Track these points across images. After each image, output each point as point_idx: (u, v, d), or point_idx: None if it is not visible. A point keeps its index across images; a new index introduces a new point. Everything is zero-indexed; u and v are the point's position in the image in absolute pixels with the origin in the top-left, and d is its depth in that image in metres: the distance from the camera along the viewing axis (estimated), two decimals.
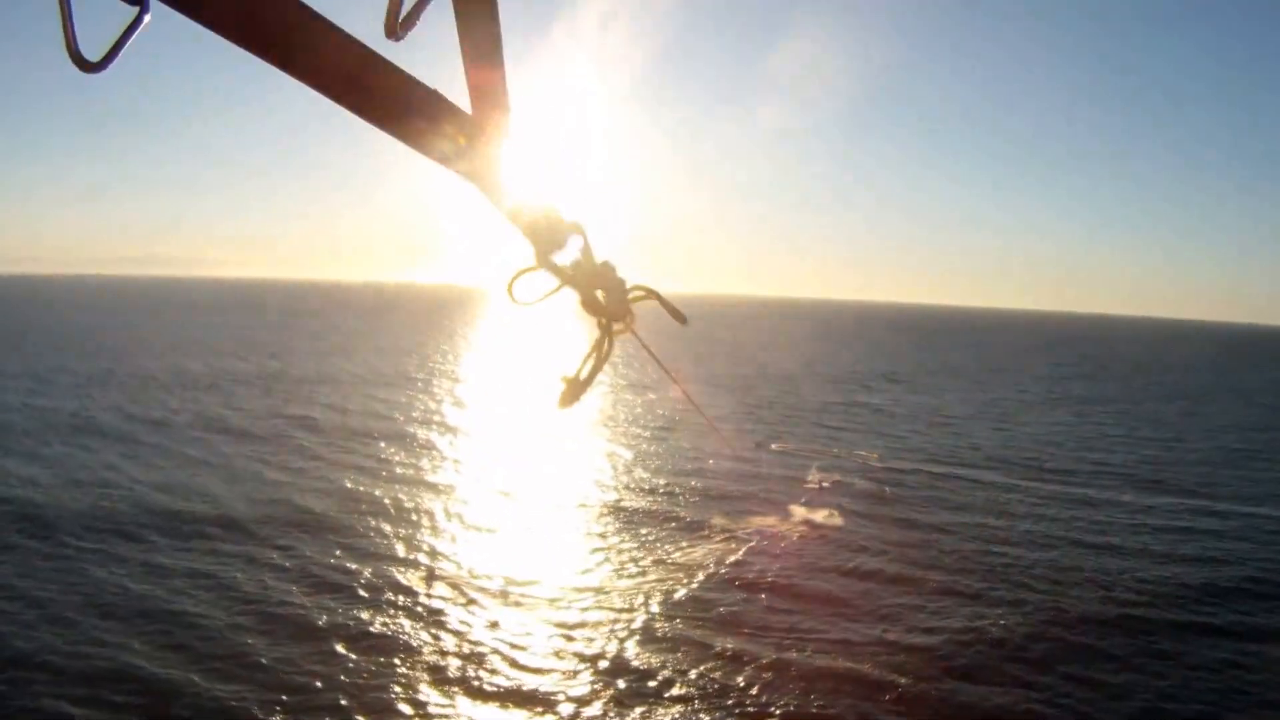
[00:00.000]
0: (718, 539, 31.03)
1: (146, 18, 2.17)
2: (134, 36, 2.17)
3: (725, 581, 26.96)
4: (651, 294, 2.87)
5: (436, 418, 54.94)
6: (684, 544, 30.57)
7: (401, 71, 2.34)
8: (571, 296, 2.77)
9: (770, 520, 33.29)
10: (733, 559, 28.83)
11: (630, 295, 2.80)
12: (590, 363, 2.86)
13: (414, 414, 55.79)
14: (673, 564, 28.49)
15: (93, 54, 2.14)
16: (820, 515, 34.03)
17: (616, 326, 2.82)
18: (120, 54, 2.18)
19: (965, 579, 28.06)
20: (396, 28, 2.33)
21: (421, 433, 49.40)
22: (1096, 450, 53.10)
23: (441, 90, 2.42)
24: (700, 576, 27.22)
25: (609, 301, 2.75)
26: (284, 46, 2.23)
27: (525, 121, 2.56)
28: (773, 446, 48.52)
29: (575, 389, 2.85)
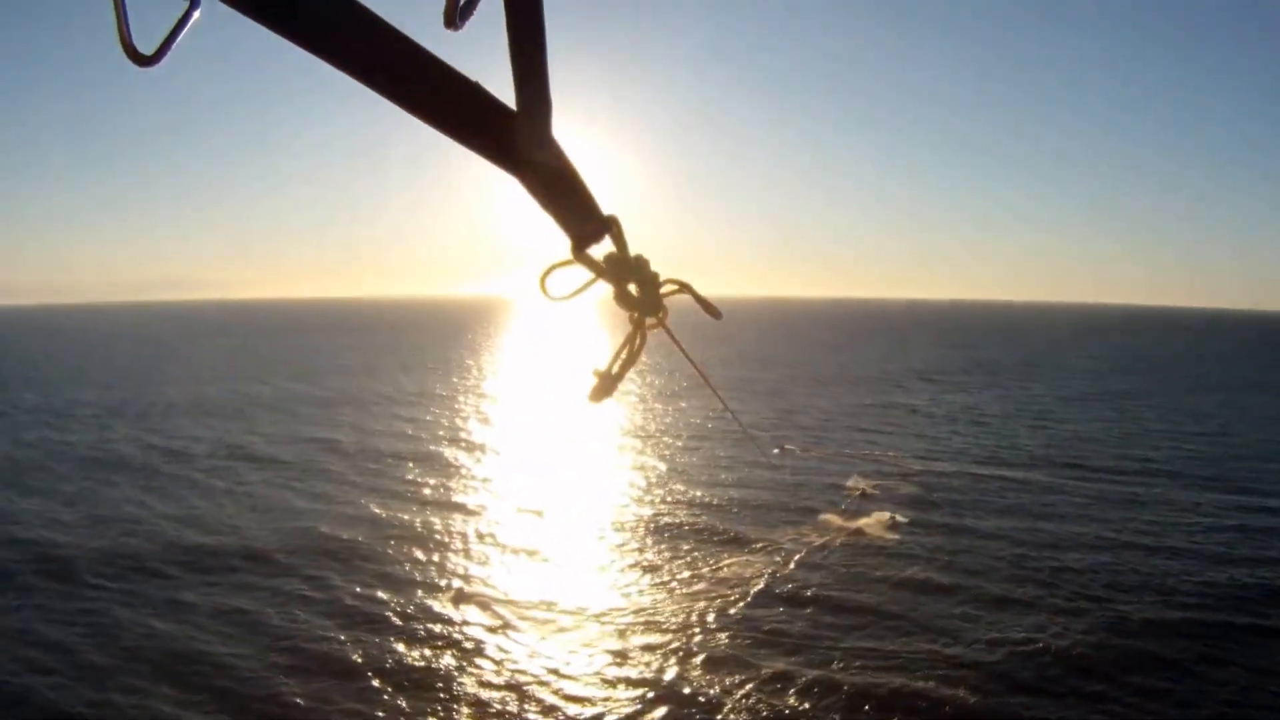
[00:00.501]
0: (760, 551, 30.13)
1: (196, 13, 2.18)
2: (185, 30, 2.18)
3: (770, 596, 26.09)
4: (685, 288, 2.86)
5: (464, 435, 54.25)
6: (725, 558, 29.70)
7: (443, 63, 2.37)
8: (604, 290, 2.76)
9: (813, 530, 32.37)
10: (777, 572, 27.93)
11: (663, 289, 2.79)
12: (622, 357, 2.84)
13: (441, 433, 55.10)
14: (715, 579, 27.62)
15: (146, 48, 2.13)
16: (864, 523, 33.07)
17: (649, 321, 2.80)
18: (173, 48, 2.18)
19: (1020, 587, 27.06)
20: (456, 17, 2.30)
21: (450, 452, 48.69)
22: (1140, 446, 51.88)
23: (485, 84, 2.44)
24: (744, 592, 26.34)
25: (642, 295, 2.74)
26: (328, 36, 2.24)
27: (565, 117, 2.52)
28: (809, 452, 47.57)
29: (607, 383, 2.84)
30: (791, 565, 28.57)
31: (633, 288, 2.74)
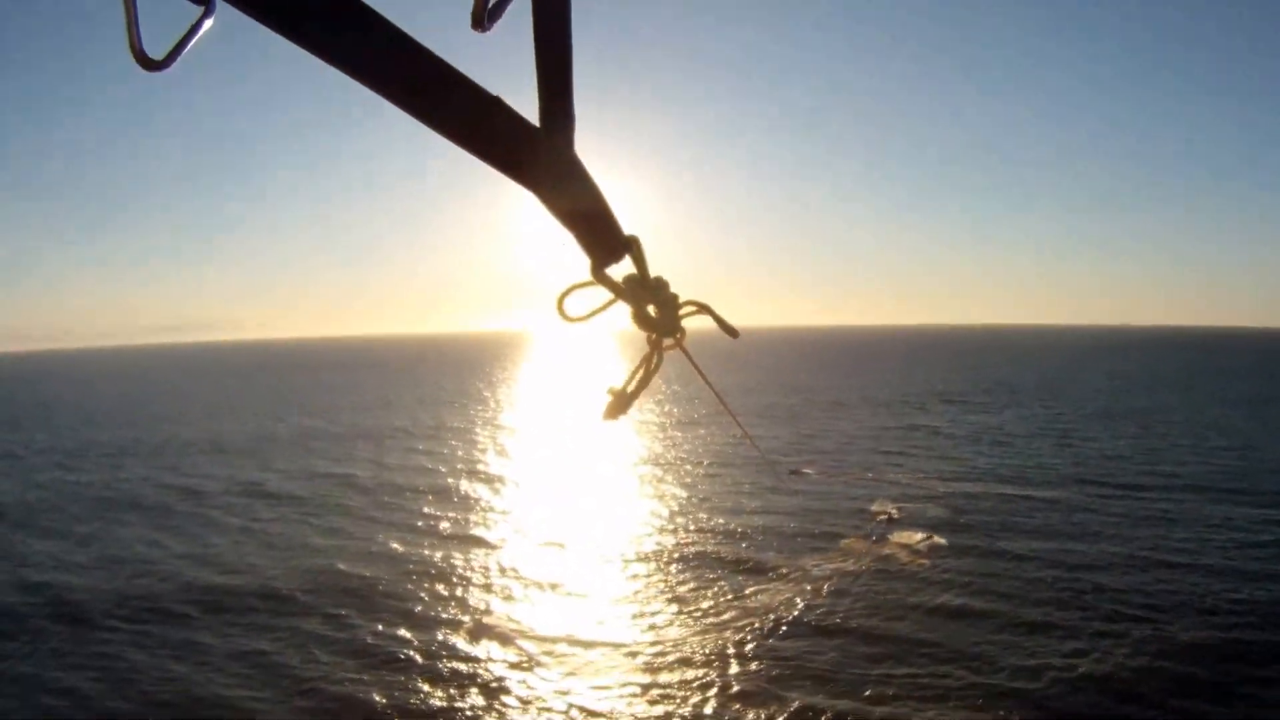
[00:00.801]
0: (787, 579, 29.50)
1: (208, 22, 2.13)
2: (197, 37, 2.14)
3: (799, 625, 25.46)
4: (704, 309, 2.82)
5: (482, 468, 53.72)
6: (751, 587, 29.08)
7: (464, 76, 2.28)
8: (621, 318, 2.70)
9: (840, 556, 31.77)
10: (805, 600, 27.30)
11: (682, 311, 2.74)
12: (638, 377, 2.80)
13: (459, 466, 54.60)
14: (742, 609, 26.99)
15: (156, 53, 2.10)
16: (892, 548, 32.45)
17: (667, 342, 2.75)
18: (183, 54, 2.15)
19: (1057, 611, 26.36)
20: (485, 18, 2.27)
21: (468, 485, 48.16)
22: (1168, 463, 51.14)
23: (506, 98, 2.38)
24: (772, 621, 25.72)
25: (661, 316, 2.70)
26: (345, 45, 2.17)
27: (587, 135, 2.51)
28: (833, 477, 46.95)
29: (622, 402, 2.79)
30: (820, 593, 27.96)
31: (651, 309, 2.70)
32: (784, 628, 25.34)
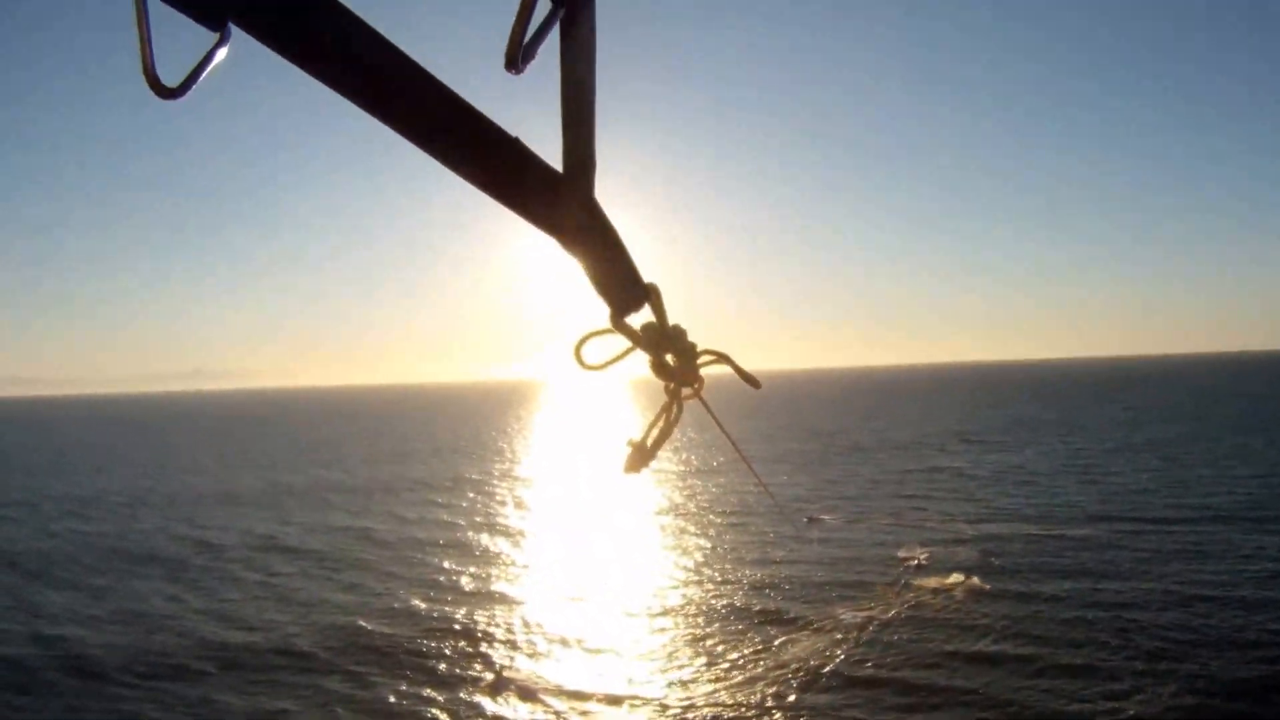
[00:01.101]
0: (817, 631, 28.87)
1: (223, 49, 2.09)
2: (212, 64, 2.11)
3: (833, 678, 24.84)
4: (723, 358, 2.74)
5: (501, 521, 53.16)
6: (781, 639, 28.46)
7: (485, 117, 2.25)
8: (636, 366, 2.70)
9: (869, 604, 31.15)
10: (837, 652, 26.67)
11: (701, 360, 2.69)
12: (657, 428, 2.74)
13: (478, 519, 54.03)
14: (773, 663, 26.38)
15: (171, 80, 2.07)
16: (923, 594, 31.84)
17: (686, 392, 2.70)
18: (198, 82, 2.13)
19: (1097, 652, 25.72)
20: (519, 59, 2.16)
21: (487, 539, 47.60)
22: (1193, 494, 50.65)
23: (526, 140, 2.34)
24: (804, 674, 25.11)
25: (679, 366, 2.67)
26: (366, 79, 2.14)
27: (609, 181, 2.48)
28: (854, 523, 46.34)
29: (641, 454, 2.74)
30: (851, 642, 27.34)
31: (670, 358, 2.65)
32: (817, 679, 24.75)
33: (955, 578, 33.62)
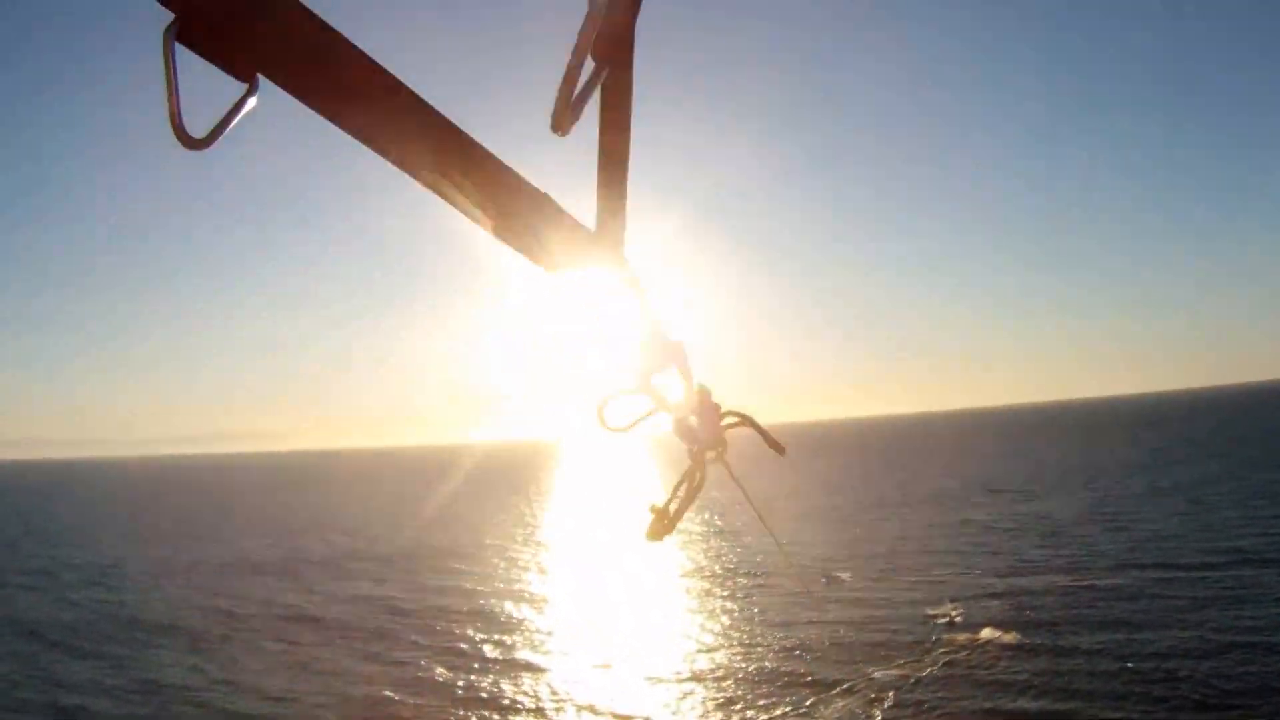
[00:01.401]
0: (851, 693, 28.49)
1: (251, 100, 2.07)
2: (240, 115, 2.09)
3: None
4: (747, 421, 2.76)
5: (522, 588, 52.69)
6: (812, 701, 28.12)
7: (514, 171, 2.32)
8: (660, 419, 2.67)
9: (903, 663, 30.75)
10: (873, 713, 26.28)
11: (724, 422, 2.70)
12: (681, 493, 2.75)
13: (499, 585, 53.60)
14: None
15: (198, 131, 2.03)
16: (956, 652, 31.41)
17: (709, 455, 2.69)
18: (226, 132, 2.09)
19: (1140, 706, 25.36)
20: (567, 122, 2.21)
21: (510, 606, 47.19)
22: (1223, 537, 50.01)
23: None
24: None
25: (703, 427, 2.66)
26: (394, 134, 2.19)
27: (637, 240, 2.59)
28: (885, 581, 45.76)
29: (665, 521, 2.74)
30: (887, 703, 26.99)
31: (693, 419, 2.65)
32: None
33: (988, 633, 33.21)
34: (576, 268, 2.46)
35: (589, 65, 2.27)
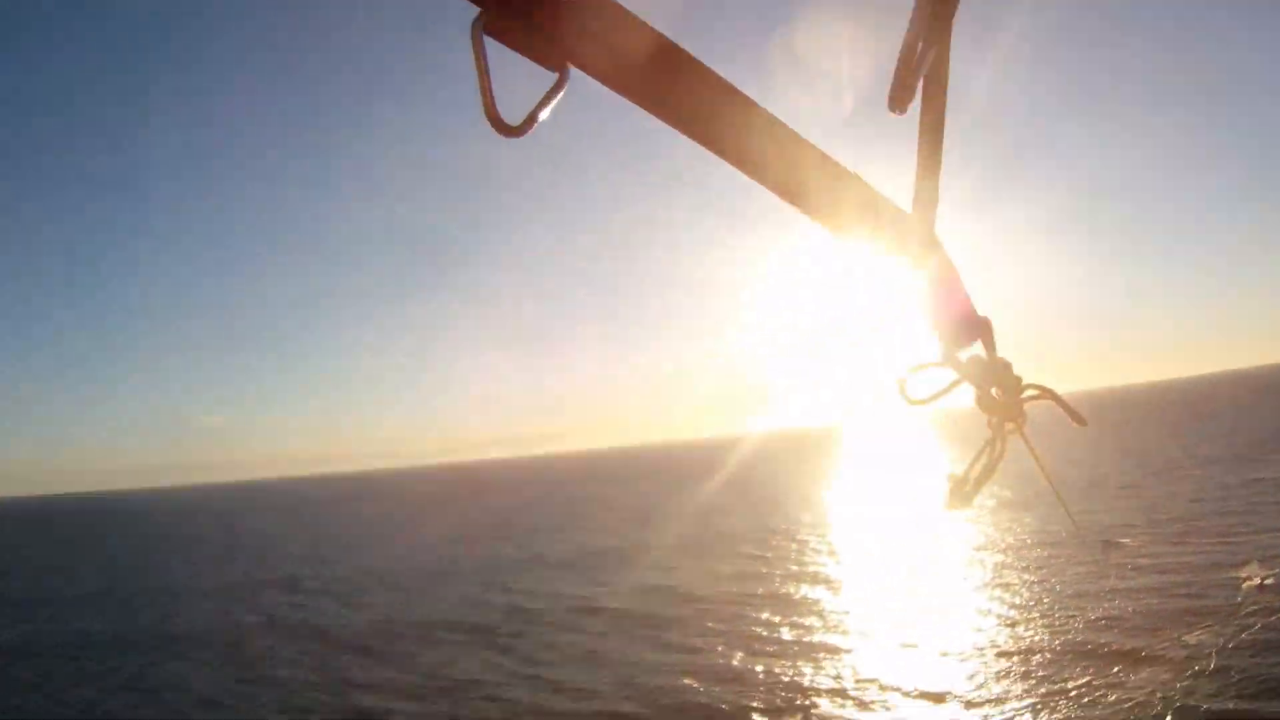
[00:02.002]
0: (1161, 662, 27.52)
1: (562, 91, 2.15)
2: (553, 103, 2.16)
3: (1188, 713, 23.73)
4: (1048, 393, 2.76)
5: (815, 569, 52.24)
6: (1122, 672, 27.39)
7: (824, 152, 2.37)
8: (964, 395, 2.71)
9: (1217, 629, 29.47)
10: (1188, 684, 25.48)
11: (1025, 394, 2.70)
12: (981, 463, 2.76)
13: (792, 568, 53.22)
14: (1122, 697, 25.44)
15: (513, 119, 2.11)
16: (1274, 615, 29.97)
17: (1008, 427, 2.71)
18: (539, 120, 2.17)
19: None
20: (904, 100, 2.28)
21: (805, 588, 47.03)
22: None
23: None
24: (1159, 708, 24.12)
25: (1004, 400, 2.68)
26: (709, 122, 2.26)
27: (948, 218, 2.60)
28: (1185, 545, 43.86)
29: (964, 491, 2.76)
30: (1201, 673, 25.99)
31: (995, 392, 2.69)
32: (1168, 710, 23.77)
33: None
34: (893, 251, 2.54)
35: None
